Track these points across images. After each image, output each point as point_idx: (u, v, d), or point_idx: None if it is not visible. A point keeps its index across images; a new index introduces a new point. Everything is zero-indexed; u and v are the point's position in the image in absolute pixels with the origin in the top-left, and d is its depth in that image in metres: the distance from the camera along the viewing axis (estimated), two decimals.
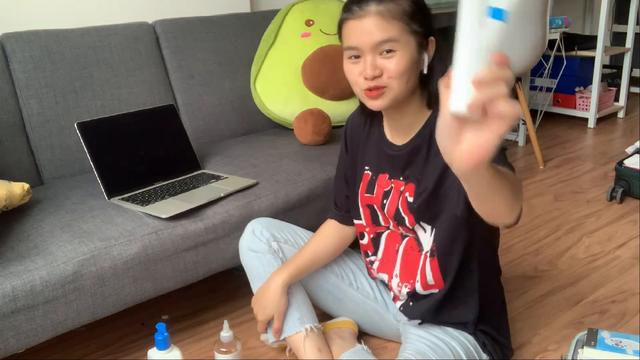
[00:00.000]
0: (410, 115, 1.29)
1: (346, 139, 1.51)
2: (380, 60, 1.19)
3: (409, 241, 1.40)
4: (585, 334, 1.45)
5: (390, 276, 1.46)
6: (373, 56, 1.19)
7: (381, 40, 1.17)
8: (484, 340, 1.40)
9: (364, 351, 1.52)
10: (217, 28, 2.32)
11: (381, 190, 1.40)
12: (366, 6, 1.17)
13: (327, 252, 1.55)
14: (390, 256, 1.45)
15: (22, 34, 1.91)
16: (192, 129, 2.19)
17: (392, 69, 1.18)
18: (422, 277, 1.37)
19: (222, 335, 1.44)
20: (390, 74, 1.19)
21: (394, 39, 1.17)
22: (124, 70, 2.07)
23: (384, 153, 1.37)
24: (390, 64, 1.18)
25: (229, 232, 1.67)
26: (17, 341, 1.36)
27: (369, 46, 1.18)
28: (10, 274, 1.34)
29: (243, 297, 1.90)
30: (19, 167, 1.86)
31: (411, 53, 1.19)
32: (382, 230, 1.45)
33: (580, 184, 2.81)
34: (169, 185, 1.79)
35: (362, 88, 1.22)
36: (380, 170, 1.40)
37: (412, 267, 1.40)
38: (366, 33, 1.17)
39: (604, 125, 3.79)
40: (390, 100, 1.22)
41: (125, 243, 1.49)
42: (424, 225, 1.34)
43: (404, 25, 1.18)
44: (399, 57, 1.18)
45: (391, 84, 1.20)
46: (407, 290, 1.42)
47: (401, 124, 1.32)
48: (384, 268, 1.48)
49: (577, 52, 3.67)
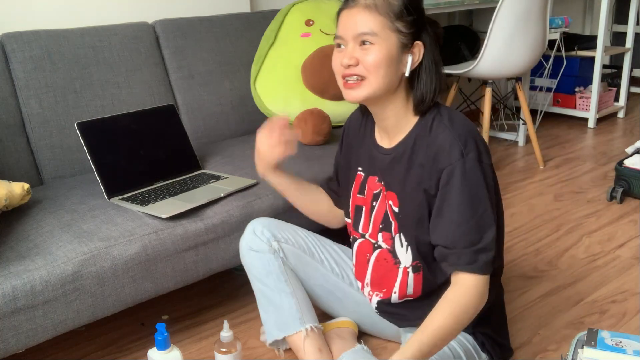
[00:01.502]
0: (393, 117, 1.31)
1: (343, 138, 1.53)
2: (358, 51, 1.22)
3: (381, 252, 1.42)
4: (585, 334, 1.45)
5: (362, 284, 1.50)
6: (353, 46, 1.23)
7: (361, 31, 1.21)
8: (482, 340, 1.40)
9: (363, 351, 1.52)
10: (217, 28, 2.32)
11: (371, 192, 1.42)
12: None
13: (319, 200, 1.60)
14: (362, 265, 1.48)
15: (22, 34, 1.91)
16: (192, 129, 2.19)
17: (366, 60, 1.22)
18: (402, 289, 1.40)
19: (222, 335, 1.44)
20: (366, 65, 1.22)
21: (373, 33, 1.21)
22: (124, 70, 2.07)
23: (373, 155, 1.39)
24: (366, 55, 1.22)
25: (229, 232, 1.67)
26: (17, 341, 1.36)
27: (351, 36, 1.23)
28: (10, 274, 1.34)
29: (243, 297, 1.90)
30: (19, 167, 1.86)
31: (389, 49, 1.22)
32: (357, 237, 1.48)
33: (580, 184, 2.81)
34: (169, 185, 1.79)
35: (340, 76, 1.26)
36: (370, 172, 1.41)
37: (386, 279, 1.42)
38: (351, 23, 1.22)
39: (604, 125, 3.79)
40: (366, 93, 1.25)
41: (125, 243, 1.49)
42: (402, 240, 1.36)
43: (387, 22, 1.21)
44: (375, 50, 1.21)
45: (366, 75, 1.23)
46: (379, 299, 1.46)
47: (386, 126, 1.33)
48: (357, 275, 1.52)
49: (577, 52, 3.68)
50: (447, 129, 1.24)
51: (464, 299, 1.21)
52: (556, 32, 3.28)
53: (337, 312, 1.63)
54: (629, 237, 2.25)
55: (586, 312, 1.78)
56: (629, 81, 3.97)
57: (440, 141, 1.23)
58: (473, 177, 1.21)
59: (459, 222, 1.22)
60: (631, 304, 1.81)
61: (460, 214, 1.21)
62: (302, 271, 1.55)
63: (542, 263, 2.08)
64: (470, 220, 1.21)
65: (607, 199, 2.59)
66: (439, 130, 1.24)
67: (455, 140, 1.21)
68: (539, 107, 3.78)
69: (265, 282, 1.50)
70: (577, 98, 3.80)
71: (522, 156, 3.26)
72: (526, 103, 3.08)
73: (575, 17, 4.52)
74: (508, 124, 3.71)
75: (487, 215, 1.22)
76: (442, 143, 1.23)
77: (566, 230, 2.33)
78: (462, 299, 1.21)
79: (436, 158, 1.23)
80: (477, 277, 1.21)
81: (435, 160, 1.23)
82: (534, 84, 3.87)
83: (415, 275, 1.37)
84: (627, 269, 2.01)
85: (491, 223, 1.22)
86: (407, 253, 1.35)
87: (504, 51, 2.69)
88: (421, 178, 1.26)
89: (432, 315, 1.21)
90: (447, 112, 1.28)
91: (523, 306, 1.82)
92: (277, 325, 1.49)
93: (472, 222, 1.21)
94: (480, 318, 1.38)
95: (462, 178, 1.20)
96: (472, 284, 1.22)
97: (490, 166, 1.26)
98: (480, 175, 1.22)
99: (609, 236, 2.26)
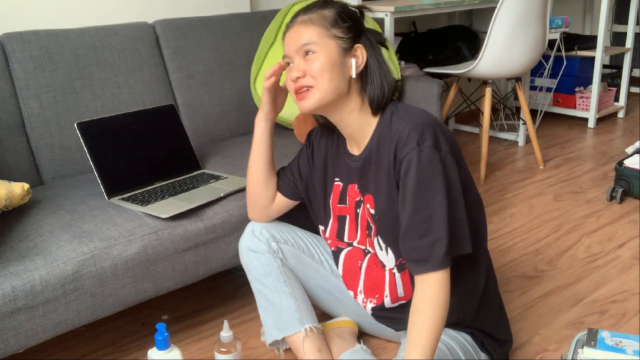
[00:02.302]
0: (354, 122, 1.33)
1: (312, 152, 1.51)
2: (303, 63, 1.28)
3: (371, 257, 1.43)
4: (585, 334, 1.45)
5: (355, 293, 1.49)
6: (299, 60, 1.29)
7: (302, 44, 1.28)
8: (482, 339, 1.40)
9: (363, 351, 1.52)
10: (217, 28, 2.32)
11: (352, 200, 1.43)
12: (294, 19, 1.32)
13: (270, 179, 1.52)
14: (353, 273, 1.48)
15: (22, 34, 1.91)
16: (192, 129, 2.19)
17: (311, 68, 1.27)
18: (392, 291, 1.40)
19: (222, 335, 1.45)
20: (311, 73, 1.27)
21: (312, 42, 1.27)
22: (124, 70, 2.07)
23: (347, 164, 1.41)
24: (310, 63, 1.27)
25: (229, 232, 1.67)
26: (17, 341, 1.36)
27: (294, 50, 1.29)
28: (10, 274, 1.35)
29: (243, 297, 1.90)
30: (19, 167, 1.86)
31: (330, 54, 1.27)
32: (343, 246, 1.48)
33: (580, 184, 2.81)
34: (169, 185, 1.79)
35: (293, 92, 1.31)
36: (349, 180, 1.42)
37: (377, 283, 1.43)
38: (292, 40, 1.30)
39: (604, 125, 3.79)
40: (316, 101, 1.28)
41: (125, 243, 1.49)
42: (380, 242, 1.37)
43: (323, 30, 1.28)
44: (317, 57, 1.27)
45: (314, 84, 1.27)
46: (373, 305, 1.46)
47: (351, 132, 1.36)
48: (348, 285, 1.51)
49: (577, 52, 3.67)
50: (403, 120, 1.26)
51: (436, 296, 1.19)
52: (556, 32, 3.28)
53: (336, 312, 1.63)
54: (629, 237, 2.25)
55: (586, 312, 1.78)
56: (629, 81, 3.97)
57: (399, 133, 1.25)
58: (429, 165, 1.20)
59: (413, 211, 1.21)
60: (631, 304, 1.81)
61: (415, 202, 1.21)
62: (302, 271, 1.55)
63: (542, 263, 2.08)
64: (425, 210, 1.20)
65: (607, 199, 2.59)
66: (397, 124, 1.27)
67: (412, 131, 1.23)
68: (539, 107, 3.78)
69: (265, 282, 1.51)
70: (577, 98, 3.80)
71: (522, 156, 3.26)
72: (526, 103, 3.09)
73: (575, 17, 4.53)
74: (508, 124, 3.71)
75: (440, 205, 1.20)
76: (400, 135, 1.24)
77: (566, 230, 2.33)
78: (435, 296, 1.19)
79: (397, 150, 1.25)
80: (439, 272, 1.20)
81: (395, 152, 1.25)
82: (534, 84, 3.87)
83: (402, 275, 1.37)
84: (627, 269, 2.01)
85: (444, 213, 1.20)
86: (387, 255, 1.37)
87: (504, 51, 2.70)
88: (389, 174, 1.28)
89: (418, 324, 1.19)
90: (403, 107, 1.31)
91: (523, 306, 1.82)
92: (277, 325, 1.49)
93: (425, 213, 1.20)
94: (478, 316, 1.39)
95: (417, 166, 1.21)
96: (437, 278, 1.20)
97: (451, 153, 1.24)
98: (437, 164, 1.20)
99: (609, 236, 2.26)
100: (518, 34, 2.67)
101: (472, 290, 1.38)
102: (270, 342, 1.51)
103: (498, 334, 1.44)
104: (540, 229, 2.35)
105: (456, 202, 1.22)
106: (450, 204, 1.21)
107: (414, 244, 1.22)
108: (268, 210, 1.54)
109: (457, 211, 1.22)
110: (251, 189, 1.52)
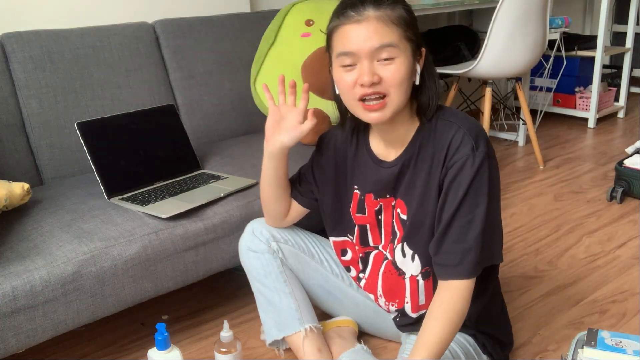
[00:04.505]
0: (401, 128, 1.27)
1: (323, 159, 1.44)
2: (378, 67, 1.15)
3: (387, 264, 1.41)
4: (585, 334, 1.45)
5: (376, 296, 1.48)
6: (371, 62, 1.14)
7: (380, 45, 1.13)
8: (483, 341, 1.40)
9: (363, 351, 1.52)
10: (217, 28, 2.32)
11: (372, 210, 1.40)
12: (364, 11, 1.13)
13: (284, 198, 1.48)
14: (374, 277, 1.47)
15: (22, 34, 1.91)
16: (192, 129, 2.19)
17: (391, 76, 1.14)
18: (414, 298, 1.39)
19: (222, 335, 1.45)
20: (390, 82, 1.15)
21: (394, 44, 1.13)
22: (124, 70, 2.07)
23: (374, 171, 1.34)
24: (389, 71, 1.14)
25: (229, 232, 1.67)
26: (17, 341, 1.36)
27: (367, 52, 1.13)
28: (10, 274, 1.34)
29: (243, 297, 1.90)
30: (19, 167, 1.86)
31: (409, 60, 1.17)
32: (371, 250, 1.46)
33: (580, 184, 2.81)
34: (169, 185, 1.79)
35: (357, 97, 1.17)
36: (366, 190, 1.38)
37: (395, 289, 1.42)
38: (364, 38, 1.13)
39: (604, 125, 3.79)
40: (391, 112, 1.18)
41: (125, 243, 1.49)
42: (406, 249, 1.34)
43: (402, 32, 1.15)
44: (398, 64, 1.14)
45: (388, 92, 1.16)
46: (395, 308, 1.45)
47: (392, 138, 1.29)
48: (369, 288, 1.50)
49: (577, 52, 3.67)
50: (454, 125, 1.21)
51: (456, 304, 1.19)
52: (556, 32, 3.28)
53: (336, 312, 1.63)
54: (629, 237, 2.25)
55: (586, 312, 1.78)
56: (629, 81, 3.97)
57: (449, 137, 1.20)
58: (480, 172, 1.18)
59: (455, 215, 1.19)
60: (631, 304, 1.81)
61: (459, 207, 1.19)
62: (302, 271, 1.55)
63: (542, 263, 2.08)
64: (466, 216, 1.19)
65: (607, 199, 2.59)
66: (445, 128, 1.22)
67: (465, 136, 1.19)
68: (539, 107, 3.78)
69: (264, 282, 1.50)
70: (577, 98, 3.80)
71: (522, 156, 3.26)
72: (526, 103, 3.08)
73: (575, 17, 4.52)
74: (508, 124, 3.71)
75: (481, 213, 1.19)
76: (453, 139, 1.19)
77: (566, 230, 2.33)
78: (455, 304, 1.19)
79: (447, 154, 1.20)
80: (465, 281, 1.20)
81: (446, 156, 1.20)
82: (534, 84, 3.87)
83: (425, 283, 1.35)
84: (627, 269, 2.01)
85: (483, 222, 1.19)
86: (413, 262, 1.34)
87: (504, 51, 2.69)
88: (428, 179, 1.24)
89: (430, 326, 1.19)
90: (449, 111, 1.26)
91: (523, 306, 1.82)
92: (277, 325, 1.49)
93: (466, 219, 1.19)
94: (480, 318, 1.39)
95: (469, 172, 1.18)
96: (462, 287, 1.20)
97: (497, 163, 1.24)
98: (486, 171, 1.19)
99: (609, 236, 2.26)
100: (518, 34, 2.67)
101: (478, 295, 1.38)
102: (270, 342, 1.51)
103: (500, 336, 1.44)
104: (541, 229, 2.34)
105: (495, 212, 1.22)
106: (491, 214, 1.20)
107: (447, 248, 1.20)
108: (284, 221, 1.52)
109: (495, 221, 1.22)
110: (265, 203, 1.49)
